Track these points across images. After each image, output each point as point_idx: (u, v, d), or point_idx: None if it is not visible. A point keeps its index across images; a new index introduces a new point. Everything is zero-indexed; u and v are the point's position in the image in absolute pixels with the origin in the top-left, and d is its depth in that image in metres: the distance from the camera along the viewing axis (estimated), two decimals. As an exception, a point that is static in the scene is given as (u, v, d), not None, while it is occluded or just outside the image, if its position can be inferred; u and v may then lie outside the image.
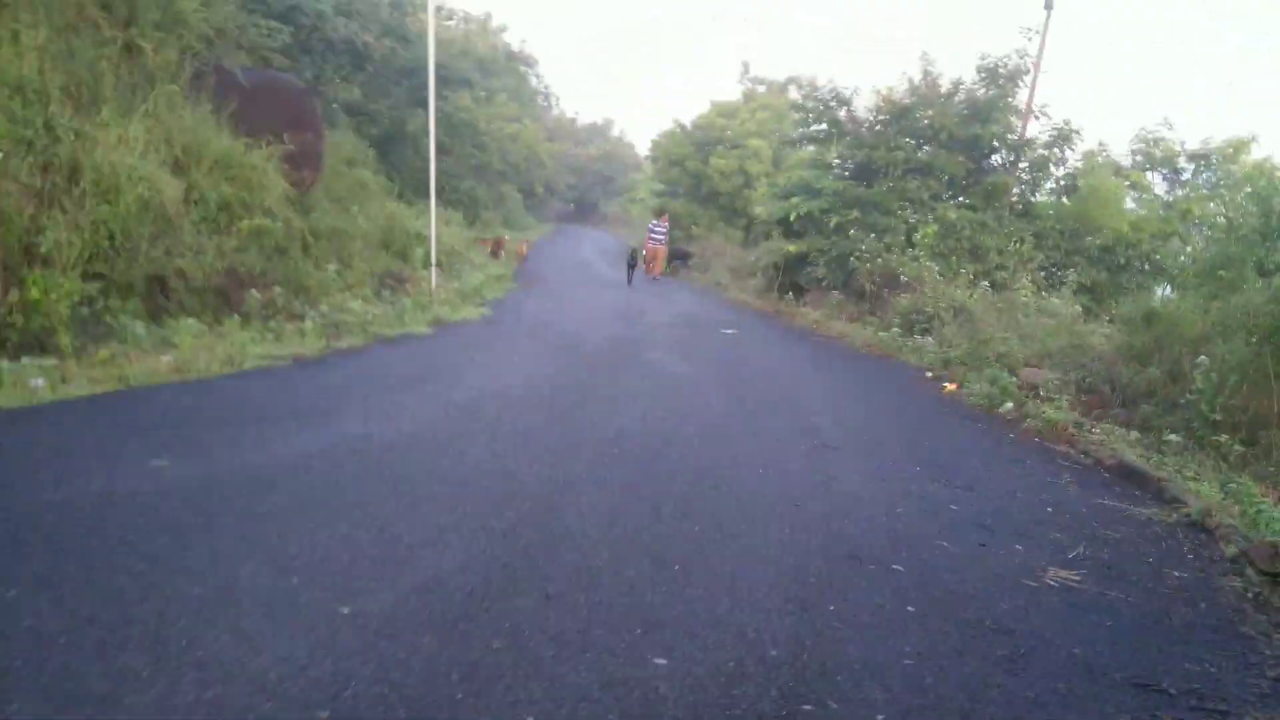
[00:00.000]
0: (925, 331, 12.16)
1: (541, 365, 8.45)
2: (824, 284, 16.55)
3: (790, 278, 17.84)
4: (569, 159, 58.28)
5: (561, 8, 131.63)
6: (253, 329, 8.50)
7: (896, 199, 16.61)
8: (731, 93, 30.63)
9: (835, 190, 17.00)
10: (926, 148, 17.12)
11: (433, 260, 12.66)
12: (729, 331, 12.59)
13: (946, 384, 9.35)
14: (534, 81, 50.09)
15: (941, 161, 16.50)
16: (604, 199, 61.00)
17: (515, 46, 41.10)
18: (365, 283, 12.25)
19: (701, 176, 30.65)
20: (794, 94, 33.04)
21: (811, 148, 19.55)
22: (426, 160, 30.65)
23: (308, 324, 9.12)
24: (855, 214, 16.56)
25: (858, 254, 15.52)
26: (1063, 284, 13.47)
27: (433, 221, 12.83)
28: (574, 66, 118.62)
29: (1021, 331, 10.48)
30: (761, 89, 33.05)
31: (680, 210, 30.47)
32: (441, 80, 32.53)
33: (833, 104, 18.03)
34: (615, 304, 15.08)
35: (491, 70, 38.55)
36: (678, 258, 25.35)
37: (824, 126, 18.37)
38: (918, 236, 15.51)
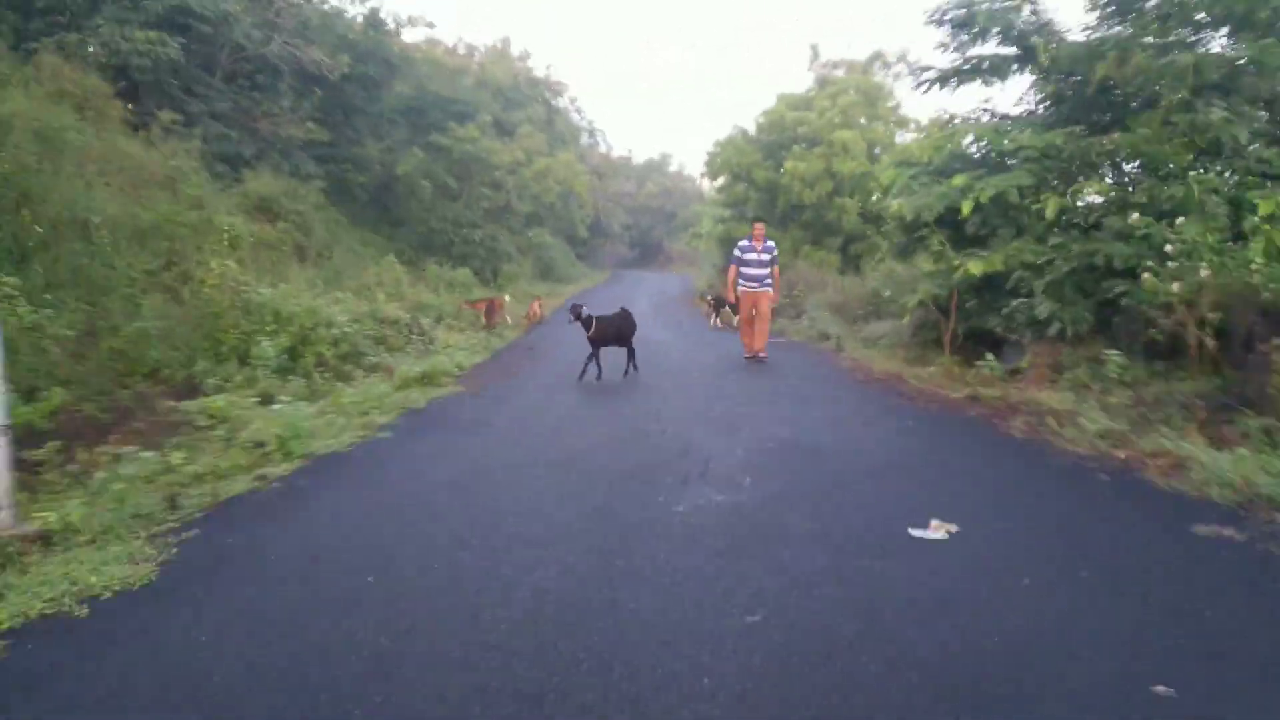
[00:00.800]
0: None
1: None
2: (1053, 330, 7.78)
3: (970, 321, 9.13)
4: (625, 199, 50.82)
5: (595, 49, 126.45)
6: None
7: (1180, 147, 7.84)
8: (802, 83, 23.15)
9: (1048, 147, 8.30)
10: (1222, 37, 8.32)
11: None
12: (933, 537, 3.92)
13: None
14: (575, 118, 42.93)
15: (1275, 58, 7.62)
16: (668, 237, 53.14)
17: (540, 73, 33.72)
18: None
19: (775, 188, 22.20)
20: (880, 75, 24.56)
21: (970, 89, 10.87)
22: (430, 209, 23.29)
23: None
24: (1104, 184, 7.88)
25: (1147, 264, 6.84)
26: None
27: None
28: (621, 106, 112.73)
29: None
30: (839, 73, 24.55)
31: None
32: (447, 113, 25.32)
33: (1010, 5, 9.39)
34: (644, 420, 6.75)
35: (513, 100, 31.32)
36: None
37: (994, 49, 9.73)
38: (1256, 217, 6.74)
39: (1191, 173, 7.74)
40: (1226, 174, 7.90)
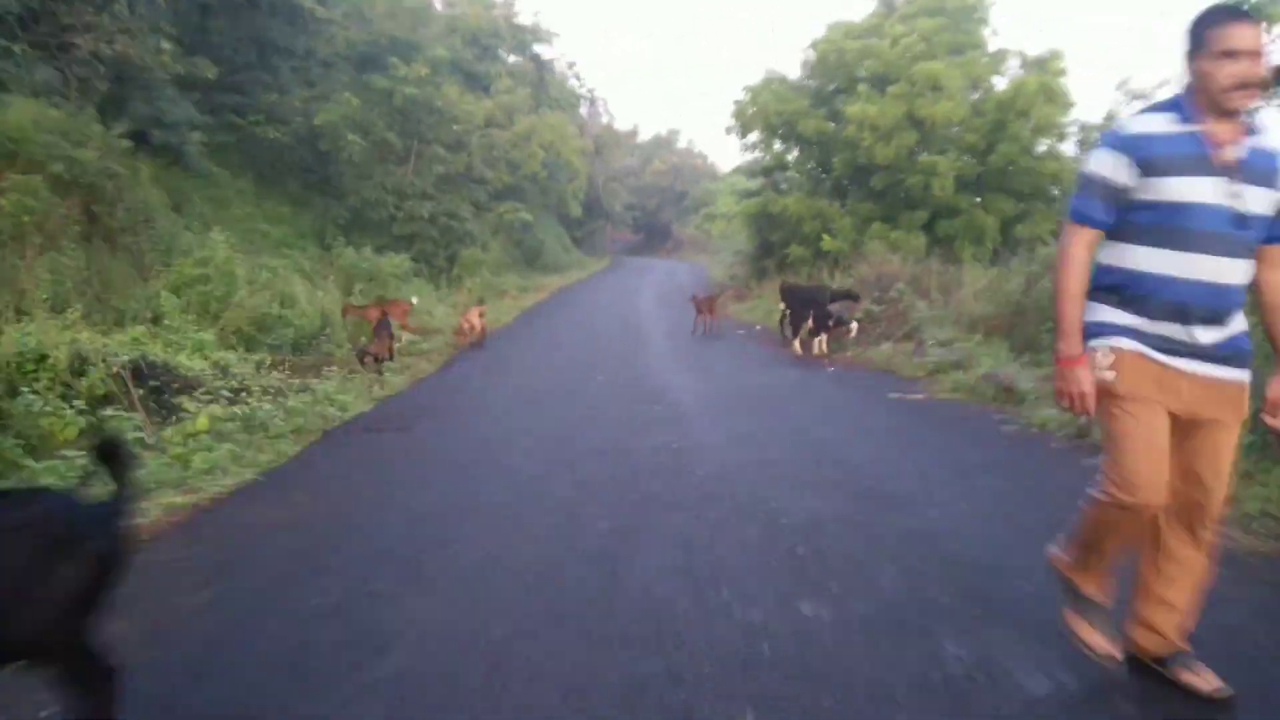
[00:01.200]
0: None
1: None
2: None
3: None
4: (629, 177, 44.40)
5: (604, 29, 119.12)
6: None
7: None
8: (859, 11, 16.63)
9: None
10: None
11: None
12: None
13: None
14: (574, 83, 36.36)
15: None
16: (677, 220, 46.70)
17: (525, 20, 27.15)
18: None
19: (832, 144, 15.82)
20: None
21: None
22: (365, 174, 16.37)
23: None
24: None
25: None
26: None
27: None
28: (629, 83, 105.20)
29: None
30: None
31: (800, 209, 15.69)
32: (403, 59, 18.89)
33: None
34: None
35: (491, 51, 24.92)
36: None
37: None
38: None
39: None
40: None
